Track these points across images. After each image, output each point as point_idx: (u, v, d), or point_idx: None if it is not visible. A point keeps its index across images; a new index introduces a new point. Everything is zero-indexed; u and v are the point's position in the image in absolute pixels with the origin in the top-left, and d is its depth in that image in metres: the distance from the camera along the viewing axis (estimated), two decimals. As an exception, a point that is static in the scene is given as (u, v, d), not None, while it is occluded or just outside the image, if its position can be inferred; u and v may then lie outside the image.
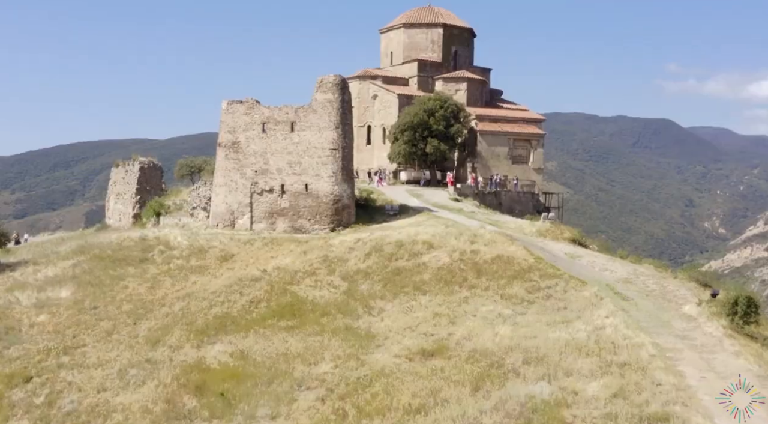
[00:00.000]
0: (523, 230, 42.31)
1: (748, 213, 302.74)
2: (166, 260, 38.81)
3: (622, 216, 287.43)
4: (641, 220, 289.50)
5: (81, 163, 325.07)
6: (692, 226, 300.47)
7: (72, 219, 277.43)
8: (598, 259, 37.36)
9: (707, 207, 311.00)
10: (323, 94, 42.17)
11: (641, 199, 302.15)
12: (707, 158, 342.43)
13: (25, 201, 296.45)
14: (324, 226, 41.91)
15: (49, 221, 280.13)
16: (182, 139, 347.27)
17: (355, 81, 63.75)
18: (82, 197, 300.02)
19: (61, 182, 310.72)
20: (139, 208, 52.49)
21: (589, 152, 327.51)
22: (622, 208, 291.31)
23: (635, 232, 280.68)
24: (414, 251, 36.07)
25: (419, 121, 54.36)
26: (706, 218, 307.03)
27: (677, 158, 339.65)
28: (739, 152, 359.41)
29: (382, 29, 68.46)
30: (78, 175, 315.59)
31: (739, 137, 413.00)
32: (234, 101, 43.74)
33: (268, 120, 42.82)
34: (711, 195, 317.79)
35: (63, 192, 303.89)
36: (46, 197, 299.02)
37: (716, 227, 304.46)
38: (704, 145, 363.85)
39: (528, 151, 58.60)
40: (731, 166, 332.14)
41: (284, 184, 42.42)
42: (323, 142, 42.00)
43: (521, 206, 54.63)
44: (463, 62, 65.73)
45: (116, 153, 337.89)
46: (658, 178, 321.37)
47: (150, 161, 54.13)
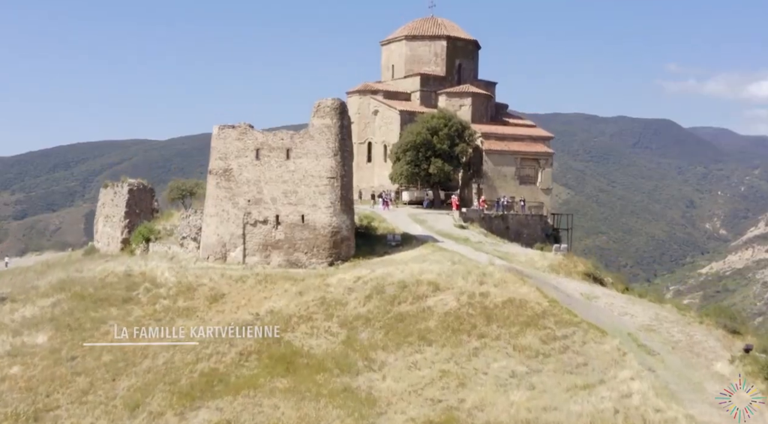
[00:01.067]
0: (534, 264, 39.37)
1: (749, 214, 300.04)
2: (152, 300, 35.87)
3: (623, 217, 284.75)
4: (642, 221, 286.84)
5: (81, 164, 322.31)
6: (693, 227, 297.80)
7: (72, 220, 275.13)
8: (616, 300, 34.40)
9: (708, 208, 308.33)
10: (321, 119, 39.18)
11: (642, 200, 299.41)
12: (708, 159, 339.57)
13: (24, 202, 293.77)
14: (322, 260, 38.95)
15: (49, 222, 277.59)
16: (182, 140, 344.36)
17: (355, 96, 60.72)
18: (82, 198, 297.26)
19: (61, 183, 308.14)
20: (127, 233, 49.48)
21: (590, 153, 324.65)
22: (623, 210, 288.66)
23: (636, 233, 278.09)
24: (418, 294, 33.14)
25: (422, 141, 51.36)
26: (707, 219, 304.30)
27: (678, 159, 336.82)
28: (739, 153, 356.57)
29: (383, 41, 65.28)
30: (78, 176, 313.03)
31: (740, 137, 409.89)
32: (226, 126, 40.76)
33: (262, 146, 39.83)
34: (712, 196, 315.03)
35: (63, 193, 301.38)
36: (46, 198, 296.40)
37: (717, 228, 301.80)
38: (705, 146, 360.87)
39: (536, 171, 55.50)
40: (732, 166, 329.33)
41: (279, 215, 39.43)
42: (321, 170, 39.02)
43: (529, 230, 51.67)
44: (467, 76, 62.61)
45: (117, 153, 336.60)
46: (658, 178, 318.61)
47: (140, 183, 51.07)
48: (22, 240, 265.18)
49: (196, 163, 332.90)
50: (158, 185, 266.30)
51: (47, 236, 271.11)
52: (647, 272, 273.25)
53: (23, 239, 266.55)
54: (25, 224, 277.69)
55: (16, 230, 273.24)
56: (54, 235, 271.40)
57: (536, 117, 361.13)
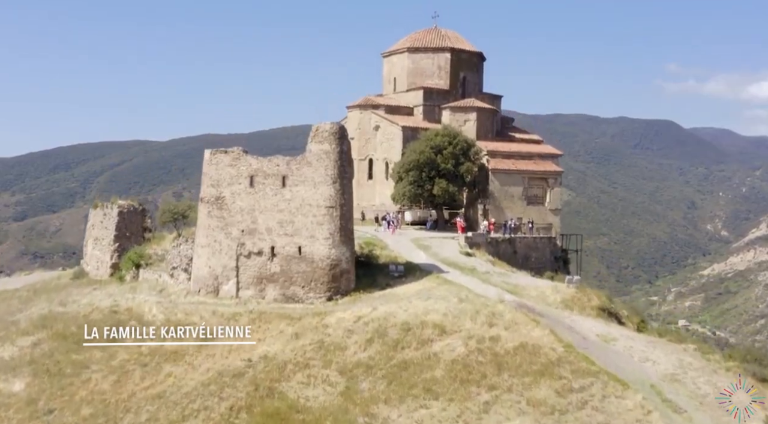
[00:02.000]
0: (546, 299, 36.73)
1: (750, 215, 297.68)
2: (138, 341, 33.26)
3: (624, 218, 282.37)
4: (643, 222, 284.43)
5: (81, 165, 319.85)
6: (695, 228, 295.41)
7: (72, 221, 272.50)
8: (635, 343, 31.73)
9: (709, 209, 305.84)
10: (319, 144, 36.54)
11: (643, 202, 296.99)
12: (709, 160, 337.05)
13: (25, 203, 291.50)
14: (320, 294, 36.33)
15: (49, 223, 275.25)
16: (183, 141, 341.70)
17: (356, 110, 57.99)
18: (83, 199, 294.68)
19: (62, 184, 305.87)
20: (117, 257, 46.93)
21: (591, 154, 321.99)
22: (624, 211, 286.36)
23: (637, 234, 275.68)
24: (423, 338, 30.58)
25: (426, 160, 48.73)
26: (708, 220, 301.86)
27: (679, 160, 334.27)
28: (740, 153, 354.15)
29: (385, 53, 62.38)
30: (78, 177, 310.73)
31: (741, 138, 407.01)
32: (218, 151, 38.18)
33: (257, 173, 37.20)
34: (713, 197, 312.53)
35: (63, 194, 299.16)
36: (46, 199, 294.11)
37: (719, 229, 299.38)
38: (706, 147, 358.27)
39: (544, 191, 52.70)
40: (733, 167, 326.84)
41: (275, 247, 36.81)
42: (319, 199, 36.40)
43: (538, 254, 49.03)
44: (472, 89, 59.83)
45: (117, 155, 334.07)
46: (660, 180, 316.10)
47: (130, 205, 48.44)
48: (22, 241, 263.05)
49: (196, 164, 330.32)
50: (159, 186, 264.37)
51: (47, 238, 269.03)
52: (648, 273, 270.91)
53: (23, 240, 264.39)
54: (26, 226, 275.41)
55: (17, 232, 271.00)
56: (54, 236, 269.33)
57: (537, 118, 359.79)
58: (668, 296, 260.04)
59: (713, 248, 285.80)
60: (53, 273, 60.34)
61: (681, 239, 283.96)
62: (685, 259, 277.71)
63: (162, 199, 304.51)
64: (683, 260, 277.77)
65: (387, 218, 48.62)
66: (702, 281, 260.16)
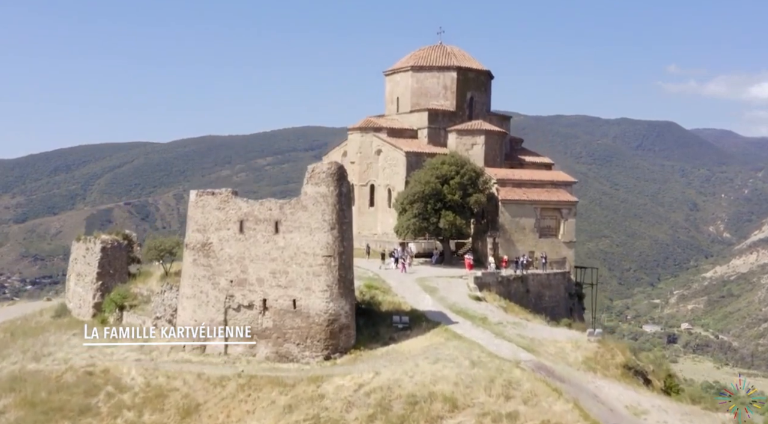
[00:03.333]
0: (566, 357, 32.97)
1: (753, 217, 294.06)
2: (113, 411, 29.53)
3: (627, 220, 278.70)
4: (646, 224, 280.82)
5: (82, 166, 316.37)
6: (697, 230, 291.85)
7: (73, 223, 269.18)
8: (669, 417, 27.96)
9: (712, 211, 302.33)
10: (315, 186, 32.76)
11: (645, 203, 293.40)
12: (711, 161, 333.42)
13: (25, 205, 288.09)
14: (316, 352, 32.58)
15: (50, 225, 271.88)
16: (184, 142, 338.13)
17: (356, 133, 54.10)
18: (83, 201, 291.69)
19: (62, 186, 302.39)
20: (100, 297, 43.27)
21: (593, 155, 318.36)
22: (627, 213, 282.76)
23: (640, 236, 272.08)
24: (432, 414, 26.81)
25: (431, 191, 44.96)
26: (710, 222, 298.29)
27: (681, 161, 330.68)
28: (742, 155, 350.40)
29: (387, 71, 58.19)
30: (79, 179, 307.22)
31: (743, 139, 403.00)
32: (205, 192, 34.33)
33: (247, 217, 33.42)
34: (715, 199, 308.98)
35: (64, 196, 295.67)
36: (46, 201, 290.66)
37: (721, 231, 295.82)
38: (708, 148, 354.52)
39: (557, 222, 48.61)
40: (735, 169, 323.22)
41: (267, 299, 33.05)
42: (315, 247, 32.62)
43: (551, 291, 45.23)
44: (479, 110, 55.89)
45: (118, 156, 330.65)
46: (662, 181, 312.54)
47: (114, 240, 44.67)
48: (22, 244, 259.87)
49: (197, 166, 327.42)
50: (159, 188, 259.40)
51: (48, 240, 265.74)
52: (651, 276, 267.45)
53: (24, 242, 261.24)
54: (26, 228, 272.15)
55: (17, 234, 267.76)
56: (55, 238, 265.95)
57: (539, 119, 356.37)
58: (670, 299, 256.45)
59: (715, 250, 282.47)
60: (37, 304, 56.84)
61: (683, 241, 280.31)
62: (687, 261, 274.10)
63: (162, 200, 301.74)
64: (685, 262, 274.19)
65: (395, 254, 44.67)
66: (704, 283, 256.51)
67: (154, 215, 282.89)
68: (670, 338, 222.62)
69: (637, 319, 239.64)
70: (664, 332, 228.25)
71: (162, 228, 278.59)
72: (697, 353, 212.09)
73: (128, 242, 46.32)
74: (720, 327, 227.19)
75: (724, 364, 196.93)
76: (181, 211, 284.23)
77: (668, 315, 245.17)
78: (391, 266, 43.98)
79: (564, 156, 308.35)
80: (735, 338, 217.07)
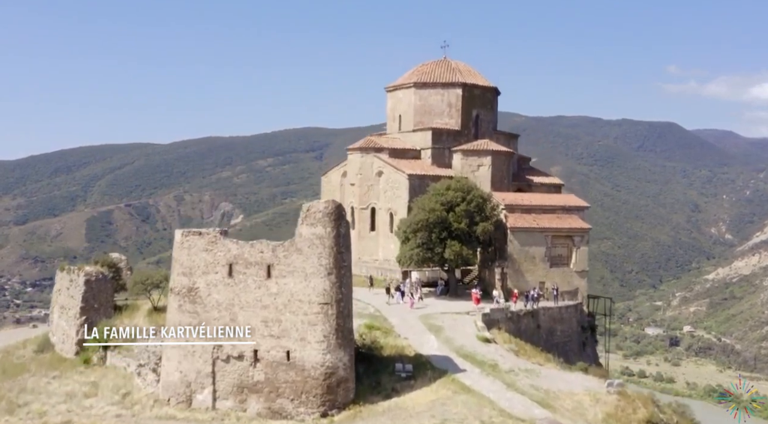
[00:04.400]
0: (584, 413, 29.93)
1: (754, 218, 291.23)
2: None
3: (628, 222, 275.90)
4: (647, 226, 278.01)
5: (83, 168, 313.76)
6: (699, 231, 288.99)
7: (73, 225, 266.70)
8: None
9: (713, 212, 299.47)
10: (310, 227, 29.75)
11: (647, 205, 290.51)
12: (713, 162, 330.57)
13: (26, 207, 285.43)
14: (312, 409, 29.56)
15: (50, 227, 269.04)
16: (185, 144, 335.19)
17: (357, 153, 50.99)
18: (84, 203, 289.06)
19: (63, 188, 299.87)
20: (84, 333, 40.20)
21: (594, 156, 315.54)
22: (628, 214, 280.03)
23: (642, 238, 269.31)
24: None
25: (436, 220, 41.91)
26: (712, 224, 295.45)
27: (683, 162, 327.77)
28: (744, 156, 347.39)
29: (389, 87, 54.88)
30: (80, 181, 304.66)
31: (744, 140, 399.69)
32: (191, 232, 31.29)
33: (237, 260, 30.40)
34: (717, 200, 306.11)
35: (64, 198, 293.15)
36: (47, 203, 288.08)
37: (723, 232, 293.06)
38: (709, 148, 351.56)
39: (569, 250, 45.44)
40: (737, 170, 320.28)
41: (258, 350, 30.05)
42: (311, 293, 29.61)
43: (563, 326, 42.19)
44: (486, 128, 52.73)
45: (118, 158, 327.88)
46: (663, 182, 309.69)
47: (99, 272, 41.48)
48: (23, 245, 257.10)
49: (198, 167, 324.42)
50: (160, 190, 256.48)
51: (48, 242, 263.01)
52: (653, 277, 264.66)
53: (24, 244, 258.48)
54: (26, 229, 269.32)
55: (17, 236, 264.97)
56: (55, 240, 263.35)
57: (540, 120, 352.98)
58: (673, 301, 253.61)
59: (718, 252, 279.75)
60: (22, 331, 53.92)
61: (685, 243, 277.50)
62: (689, 263, 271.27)
63: (163, 202, 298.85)
64: (687, 264, 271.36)
65: (402, 287, 41.42)
66: (707, 285, 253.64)
67: (154, 217, 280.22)
68: (673, 341, 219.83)
69: (639, 321, 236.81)
70: (667, 334, 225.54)
71: (163, 229, 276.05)
72: (700, 356, 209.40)
73: (115, 270, 43.24)
74: (722, 330, 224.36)
75: (726, 367, 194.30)
76: (181, 212, 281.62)
77: (670, 318, 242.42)
78: (398, 301, 40.79)
79: (565, 157, 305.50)
80: (738, 341, 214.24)
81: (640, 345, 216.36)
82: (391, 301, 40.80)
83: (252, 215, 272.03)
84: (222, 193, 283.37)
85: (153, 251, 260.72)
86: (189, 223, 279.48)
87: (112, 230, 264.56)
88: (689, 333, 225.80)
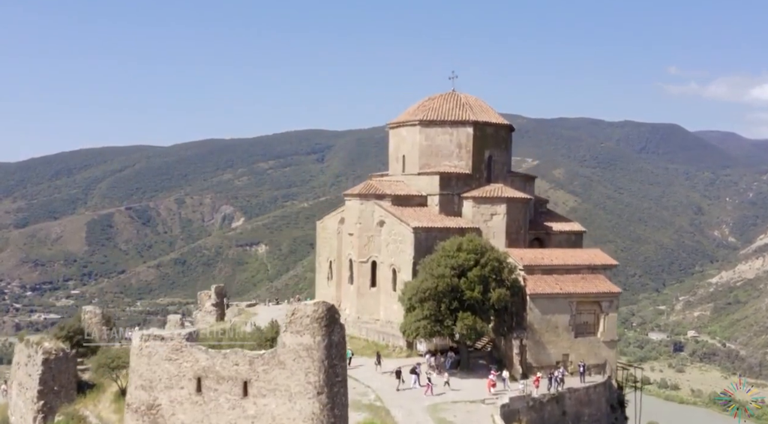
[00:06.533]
0: None
1: (758, 221, 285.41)
2: None
3: (631, 225, 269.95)
4: (650, 229, 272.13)
5: (83, 170, 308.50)
6: (702, 234, 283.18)
7: (73, 228, 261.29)
8: None
9: (716, 215, 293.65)
10: (296, 335, 23.72)
11: (650, 207, 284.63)
12: (715, 164, 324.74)
13: (26, 210, 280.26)
14: None
15: (51, 230, 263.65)
16: (186, 146, 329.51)
17: (355, 199, 44.78)
18: (84, 206, 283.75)
19: (63, 191, 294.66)
20: (42, 420, 34.38)
21: (597, 159, 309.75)
22: (631, 217, 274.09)
23: (644, 241, 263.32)
24: None
25: (446, 288, 35.85)
26: (715, 226, 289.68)
27: (685, 164, 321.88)
28: (746, 157, 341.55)
29: (392, 123, 48.48)
30: (80, 183, 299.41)
31: (746, 141, 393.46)
32: (151, 337, 25.19)
33: (207, 374, 24.38)
34: (720, 202, 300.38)
35: (65, 200, 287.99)
36: (47, 206, 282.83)
37: (726, 235, 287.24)
38: (711, 150, 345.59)
39: (596, 318, 39.07)
40: (740, 172, 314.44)
41: (233, 486, 24.09)
42: (296, 417, 23.61)
43: (591, 409, 36.16)
44: (499, 170, 46.36)
45: (119, 160, 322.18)
46: (666, 185, 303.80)
47: (59, 350, 35.40)
48: (23, 249, 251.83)
49: (199, 170, 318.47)
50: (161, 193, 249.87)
51: (48, 245, 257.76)
52: (656, 281, 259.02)
53: (24, 247, 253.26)
54: (27, 232, 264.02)
55: (18, 239, 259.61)
56: (55, 243, 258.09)
57: (542, 122, 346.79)
58: (676, 306, 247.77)
59: (721, 255, 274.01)
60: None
61: (688, 246, 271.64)
62: (692, 266, 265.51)
63: (164, 205, 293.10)
64: (690, 267, 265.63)
65: (417, 369, 35.01)
66: (710, 289, 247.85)
67: (155, 220, 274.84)
68: (677, 347, 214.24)
69: (643, 326, 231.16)
70: (671, 339, 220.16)
71: (164, 232, 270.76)
72: (704, 361, 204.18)
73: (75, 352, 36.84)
74: (727, 335, 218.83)
75: (731, 373, 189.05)
76: (182, 215, 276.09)
77: (674, 322, 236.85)
78: (414, 386, 34.35)
79: (568, 159, 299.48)
80: (742, 347, 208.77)
81: (644, 350, 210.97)
82: (402, 386, 34.44)
83: (253, 218, 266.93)
84: (223, 195, 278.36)
85: (153, 254, 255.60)
86: (190, 225, 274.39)
87: (112, 233, 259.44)
88: (693, 338, 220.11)
